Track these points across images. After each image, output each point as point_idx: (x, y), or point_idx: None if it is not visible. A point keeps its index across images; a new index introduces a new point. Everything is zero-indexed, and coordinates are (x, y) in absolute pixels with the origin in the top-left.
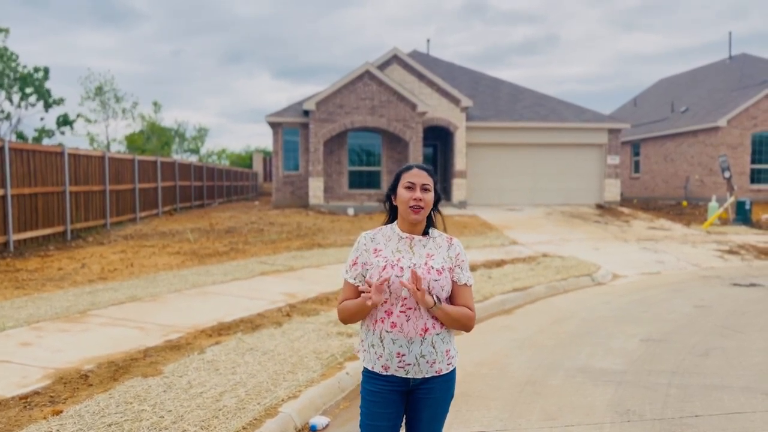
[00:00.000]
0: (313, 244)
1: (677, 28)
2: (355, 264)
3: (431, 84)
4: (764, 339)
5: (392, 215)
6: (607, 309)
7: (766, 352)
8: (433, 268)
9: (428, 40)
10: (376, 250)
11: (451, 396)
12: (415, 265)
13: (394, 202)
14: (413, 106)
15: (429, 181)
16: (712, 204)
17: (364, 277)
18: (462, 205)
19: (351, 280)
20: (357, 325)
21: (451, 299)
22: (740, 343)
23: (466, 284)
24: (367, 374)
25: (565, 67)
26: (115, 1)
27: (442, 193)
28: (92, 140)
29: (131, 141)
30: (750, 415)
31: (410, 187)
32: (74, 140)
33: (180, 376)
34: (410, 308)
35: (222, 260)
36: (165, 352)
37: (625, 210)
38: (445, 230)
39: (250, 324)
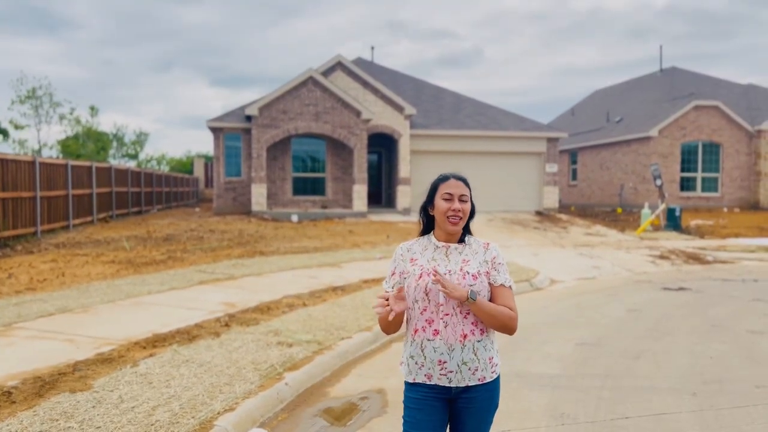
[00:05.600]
0: (255, 252)
1: (608, 45)
2: (393, 274)
3: (375, 91)
4: (690, 341)
5: (427, 226)
6: (544, 314)
7: (691, 354)
8: (468, 273)
9: (372, 48)
10: (412, 259)
11: (496, 405)
12: (450, 271)
13: (430, 213)
14: (357, 113)
15: (466, 191)
16: (645, 211)
17: (405, 287)
18: (406, 212)
19: (391, 291)
20: (303, 336)
21: (491, 302)
22: (668, 345)
23: (503, 285)
24: (409, 384)
25: (499, 81)
26: (55, 10)
27: (386, 200)
28: (21, 145)
29: (66, 146)
30: (677, 415)
31: (449, 199)
32: (1, 146)
33: (111, 391)
34: (447, 314)
35: (159, 269)
36: (96, 365)
37: (563, 217)
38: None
39: (187, 335)
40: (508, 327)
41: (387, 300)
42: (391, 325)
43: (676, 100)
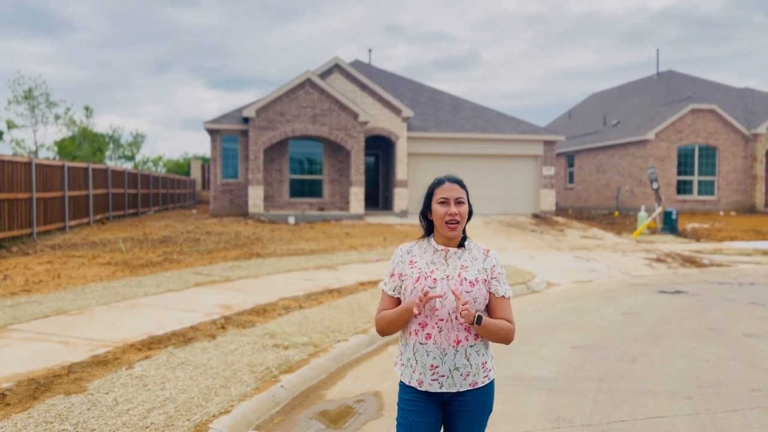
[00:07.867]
0: (252, 254)
1: (605, 49)
2: (392, 276)
3: (373, 94)
4: (687, 345)
5: (428, 230)
6: (540, 317)
7: (688, 357)
8: (466, 279)
9: (370, 51)
10: (411, 261)
11: (489, 410)
12: (448, 276)
13: (429, 217)
14: (355, 116)
15: (462, 194)
16: (642, 214)
17: (402, 288)
18: (403, 214)
19: (390, 292)
20: (299, 338)
21: (489, 312)
22: (665, 349)
23: (503, 297)
24: (403, 386)
25: (496, 84)
26: (52, 11)
27: (383, 202)
28: (17, 145)
29: (62, 147)
30: (672, 419)
31: (444, 202)
32: None
33: (106, 393)
34: (442, 320)
35: (155, 271)
36: (91, 367)
37: (560, 219)
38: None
39: (183, 337)
40: (507, 339)
41: (426, 298)
42: (392, 325)
43: (672, 103)
